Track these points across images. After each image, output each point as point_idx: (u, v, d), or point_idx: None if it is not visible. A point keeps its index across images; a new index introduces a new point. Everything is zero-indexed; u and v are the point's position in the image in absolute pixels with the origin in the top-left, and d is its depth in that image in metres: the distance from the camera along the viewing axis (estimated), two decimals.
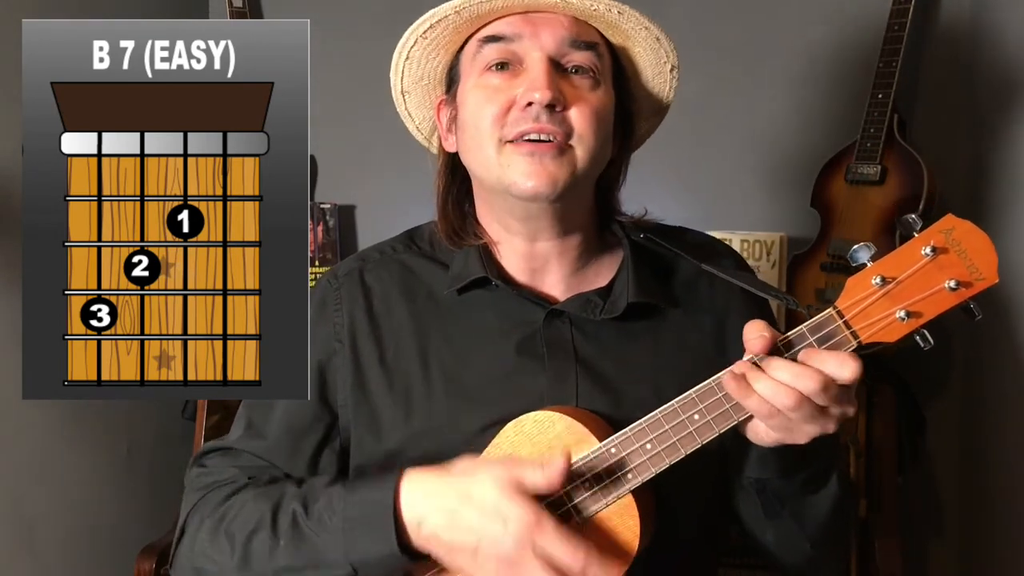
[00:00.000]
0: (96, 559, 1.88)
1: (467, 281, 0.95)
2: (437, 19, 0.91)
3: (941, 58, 1.95)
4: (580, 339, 0.94)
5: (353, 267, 1.01)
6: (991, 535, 1.84)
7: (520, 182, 0.87)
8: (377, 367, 0.95)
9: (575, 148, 0.88)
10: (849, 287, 0.79)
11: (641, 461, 0.82)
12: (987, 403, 1.87)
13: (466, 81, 0.93)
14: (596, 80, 0.90)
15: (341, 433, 0.97)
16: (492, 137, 0.88)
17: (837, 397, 0.76)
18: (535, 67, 0.88)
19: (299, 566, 0.84)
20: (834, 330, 0.79)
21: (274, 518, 0.86)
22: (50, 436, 1.76)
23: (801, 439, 0.79)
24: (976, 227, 0.78)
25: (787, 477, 0.86)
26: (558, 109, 0.87)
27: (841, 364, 0.75)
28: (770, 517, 0.91)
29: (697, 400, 0.81)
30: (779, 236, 1.86)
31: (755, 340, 0.78)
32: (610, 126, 0.92)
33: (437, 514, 0.79)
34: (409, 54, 0.95)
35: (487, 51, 0.90)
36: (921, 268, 0.77)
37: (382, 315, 0.97)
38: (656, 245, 0.97)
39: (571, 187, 0.88)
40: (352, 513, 0.82)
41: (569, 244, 0.96)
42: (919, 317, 0.78)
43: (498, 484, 0.77)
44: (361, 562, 0.81)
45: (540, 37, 0.89)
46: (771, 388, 0.76)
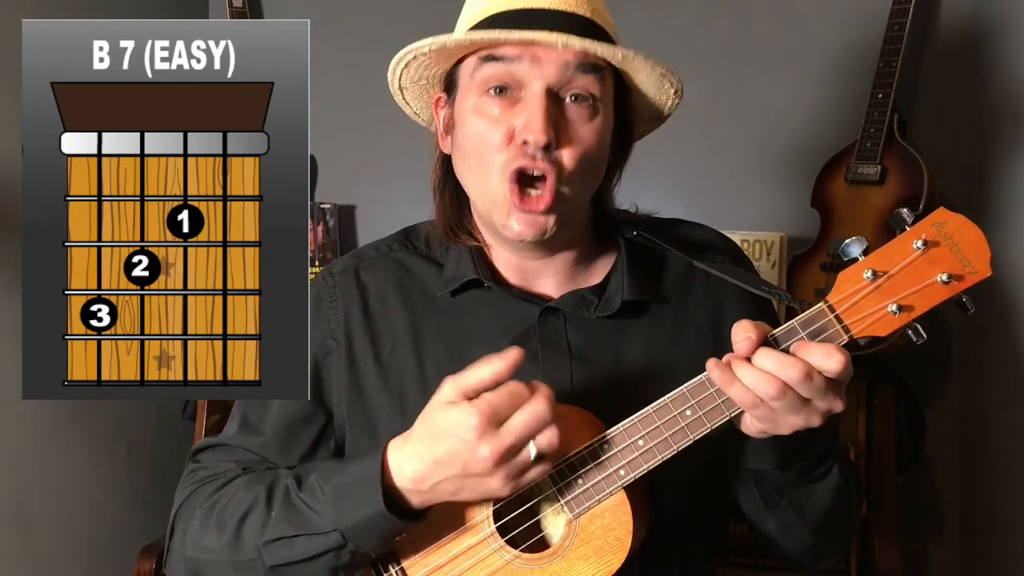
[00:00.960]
0: (96, 559, 1.88)
1: (460, 283, 0.95)
2: (437, 47, 0.89)
3: (941, 58, 1.96)
4: (575, 336, 0.94)
5: (349, 265, 1.01)
6: (991, 535, 1.84)
7: (509, 227, 0.88)
8: (372, 365, 0.95)
9: (564, 191, 0.88)
10: (840, 281, 0.79)
11: (633, 457, 0.82)
12: (987, 403, 1.87)
13: (465, 97, 0.91)
14: (595, 108, 0.88)
15: (336, 431, 0.97)
16: (489, 171, 0.88)
17: (822, 390, 0.76)
18: (533, 102, 0.86)
19: (290, 536, 0.84)
20: (825, 324, 0.79)
21: (268, 496, 0.87)
22: (50, 436, 1.76)
23: (785, 430, 0.79)
24: (968, 220, 0.77)
25: (784, 468, 0.86)
26: (553, 147, 0.86)
27: (828, 356, 0.75)
28: (769, 507, 0.91)
29: (689, 395, 0.81)
30: (779, 236, 1.86)
31: (741, 343, 0.78)
32: (606, 150, 0.92)
33: (413, 460, 0.79)
34: (407, 64, 0.94)
35: (486, 71, 0.88)
36: (913, 262, 0.77)
37: (377, 313, 0.97)
38: (649, 242, 0.97)
39: (560, 228, 0.89)
40: (342, 480, 0.82)
41: (561, 259, 0.96)
42: (911, 311, 0.78)
43: (443, 404, 0.78)
44: (350, 527, 0.81)
45: (541, 65, 0.86)
46: (754, 376, 0.76)
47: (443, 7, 1.06)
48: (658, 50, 0.91)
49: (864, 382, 1.73)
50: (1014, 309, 1.69)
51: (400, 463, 0.80)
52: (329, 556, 0.83)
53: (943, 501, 2.00)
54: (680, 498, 0.91)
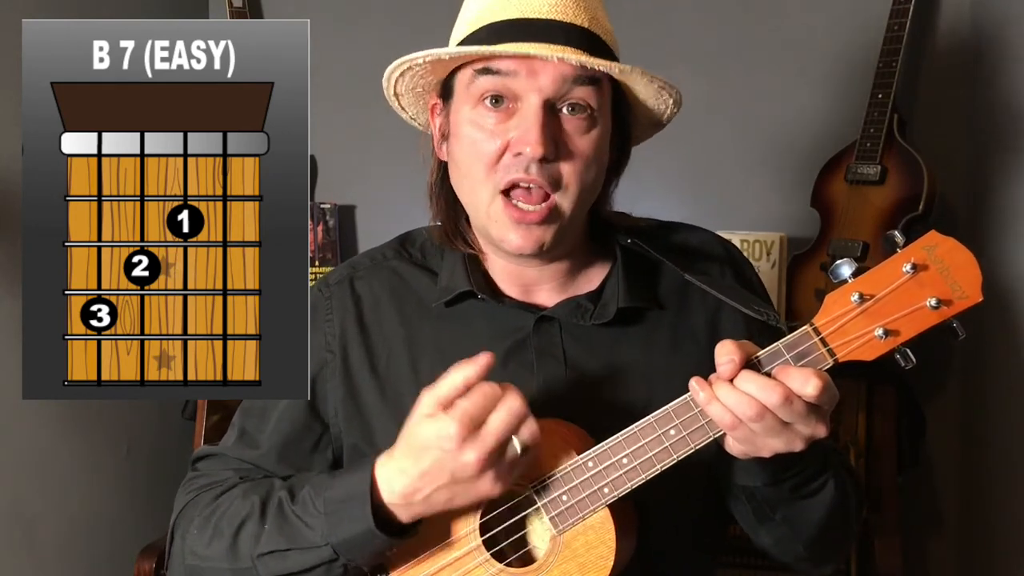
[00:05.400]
0: (96, 559, 1.88)
1: (452, 295, 0.95)
2: (432, 59, 0.89)
3: (941, 58, 1.96)
4: (571, 344, 0.94)
5: (344, 276, 1.01)
6: (991, 535, 1.84)
7: (507, 240, 0.88)
8: (369, 376, 0.95)
9: (562, 203, 0.87)
10: (827, 304, 0.78)
11: (618, 475, 0.81)
12: (987, 403, 1.87)
13: (460, 107, 0.90)
14: (592, 119, 0.88)
15: (333, 442, 0.97)
16: (484, 185, 0.88)
17: (803, 415, 0.76)
18: (529, 115, 0.85)
19: (283, 550, 0.84)
20: (810, 347, 0.78)
21: (263, 507, 0.87)
22: (50, 436, 1.76)
23: (765, 453, 0.79)
24: (960, 244, 0.76)
25: (775, 485, 0.85)
26: (549, 160, 0.86)
27: (805, 380, 0.75)
28: (762, 522, 0.90)
29: (673, 415, 0.81)
30: (779, 236, 1.86)
31: (724, 365, 0.77)
32: (604, 161, 0.91)
33: (400, 476, 0.79)
34: (403, 73, 0.94)
35: (483, 82, 0.87)
36: (901, 285, 0.76)
37: (373, 324, 0.97)
38: (644, 251, 0.96)
39: (558, 240, 0.89)
40: (333, 495, 0.82)
41: (558, 267, 0.96)
42: (898, 336, 0.76)
43: (422, 417, 0.79)
44: (341, 543, 0.81)
45: (538, 78, 0.85)
46: (734, 397, 0.76)
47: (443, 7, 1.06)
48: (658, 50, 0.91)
49: (864, 382, 1.73)
50: (1014, 309, 1.69)
51: (388, 479, 0.80)
52: (321, 569, 0.83)
53: (943, 501, 2.00)
54: (669, 515, 0.91)
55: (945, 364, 1.97)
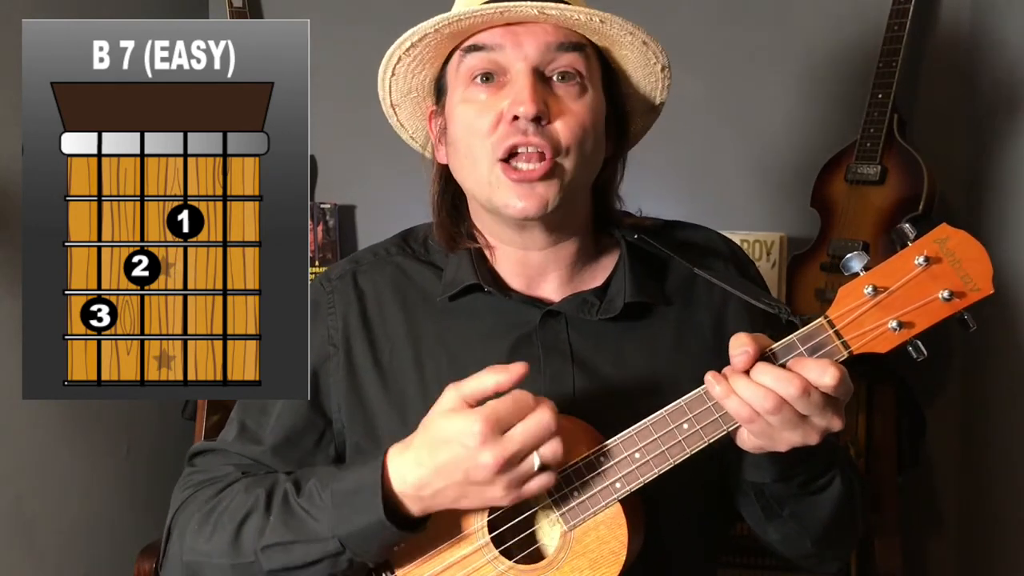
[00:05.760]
0: (96, 559, 1.88)
1: (459, 288, 0.94)
2: (418, 37, 0.90)
3: (941, 58, 1.95)
4: (577, 339, 0.94)
5: (346, 270, 1.01)
6: (991, 535, 1.84)
7: (511, 204, 0.87)
8: (372, 370, 0.95)
9: (563, 163, 0.88)
10: (841, 296, 0.78)
11: (630, 470, 0.81)
12: (987, 403, 1.87)
13: (453, 93, 0.92)
14: (583, 86, 0.89)
15: (336, 437, 0.97)
16: (482, 156, 0.88)
17: (820, 406, 0.76)
18: (519, 80, 0.87)
19: (287, 542, 0.84)
20: (825, 340, 0.78)
21: (268, 500, 0.86)
22: (50, 436, 1.76)
23: (781, 447, 0.79)
24: (971, 237, 0.77)
25: (784, 481, 0.86)
26: (544, 122, 0.86)
27: (823, 371, 0.75)
28: (770, 518, 0.91)
29: (686, 409, 0.80)
30: (779, 236, 1.86)
31: (738, 356, 0.78)
32: (601, 130, 0.92)
33: (415, 467, 0.79)
34: (395, 70, 0.95)
35: (470, 60, 0.90)
36: (914, 278, 0.76)
37: (376, 318, 0.97)
38: (651, 247, 0.96)
39: (562, 203, 0.89)
40: (342, 487, 0.82)
41: (564, 251, 0.96)
42: (911, 328, 0.77)
43: (445, 411, 0.78)
44: (349, 535, 0.81)
45: (523, 47, 0.88)
46: (751, 390, 0.76)
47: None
48: None
49: (864, 382, 1.73)
50: (1015, 308, 1.69)
51: (401, 469, 0.80)
52: (326, 563, 0.83)
53: (943, 501, 2.00)
54: (679, 510, 0.91)
55: (945, 364, 1.97)
